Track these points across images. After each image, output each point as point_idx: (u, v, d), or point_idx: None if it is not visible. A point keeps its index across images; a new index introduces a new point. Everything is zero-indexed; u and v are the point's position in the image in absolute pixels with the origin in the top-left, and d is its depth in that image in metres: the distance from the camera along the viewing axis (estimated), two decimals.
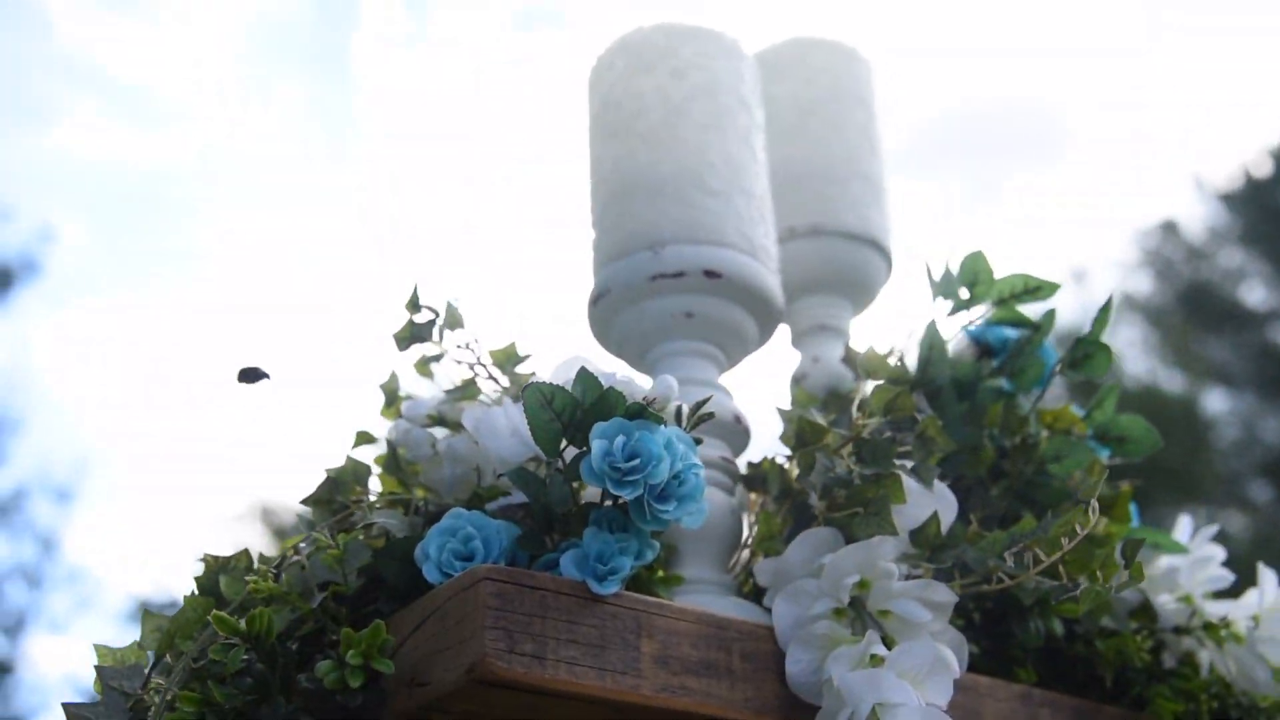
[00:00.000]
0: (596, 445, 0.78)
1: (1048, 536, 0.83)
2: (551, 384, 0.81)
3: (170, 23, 12.30)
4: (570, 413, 0.81)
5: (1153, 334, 9.61)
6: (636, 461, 0.78)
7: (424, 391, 1.03)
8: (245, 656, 0.77)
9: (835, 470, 0.87)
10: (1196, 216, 9.68)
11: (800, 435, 0.91)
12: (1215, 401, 9.32)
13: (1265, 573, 1.04)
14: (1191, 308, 9.53)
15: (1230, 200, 9.50)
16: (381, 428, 1.02)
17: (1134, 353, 9.57)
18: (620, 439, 0.79)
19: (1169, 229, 9.64)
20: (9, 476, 9.09)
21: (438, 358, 1.00)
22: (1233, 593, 1.09)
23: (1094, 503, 0.83)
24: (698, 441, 0.83)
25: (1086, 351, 1.01)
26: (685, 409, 0.86)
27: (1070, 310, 9.67)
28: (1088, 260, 12.73)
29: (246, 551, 0.88)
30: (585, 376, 0.81)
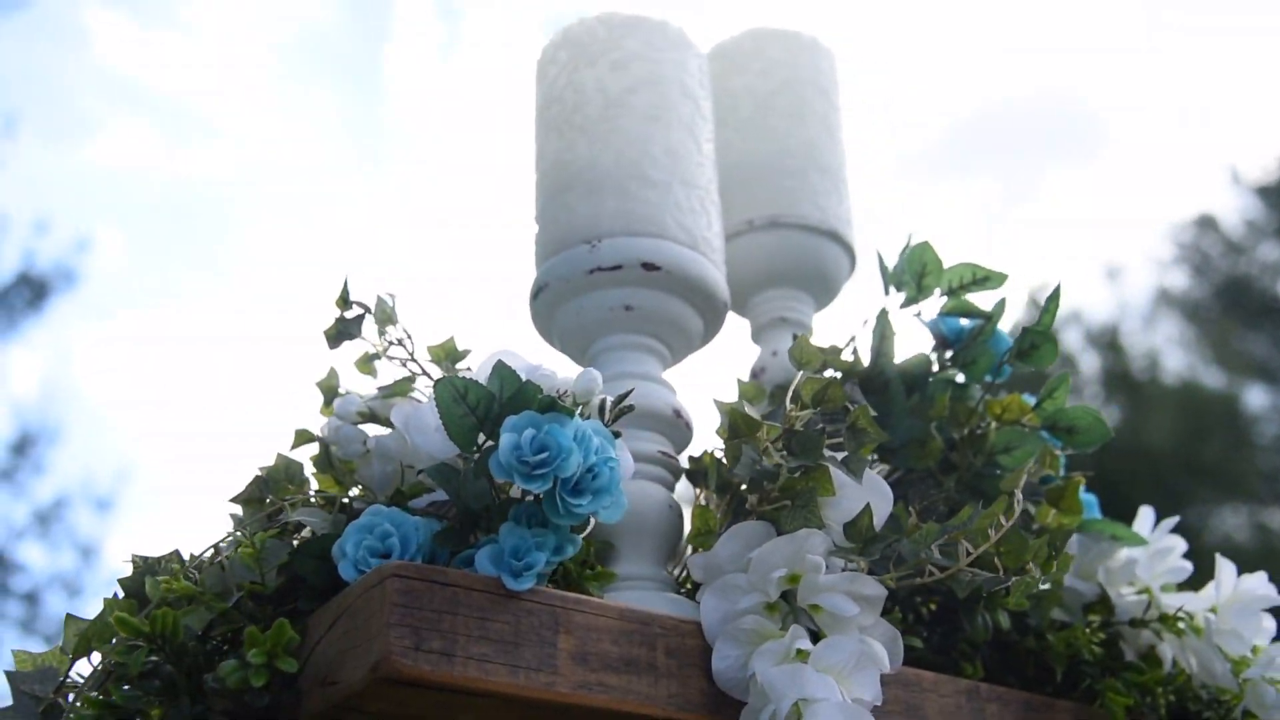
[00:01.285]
0: (505, 439, 0.77)
1: (974, 528, 0.81)
2: (465, 378, 0.79)
3: (206, 37, 12.41)
4: (487, 407, 0.80)
5: (1190, 330, 9.50)
6: (545, 455, 0.77)
7: (370, 389, 1.02)
8: (153, 658, 0.76)
9: (762, 463, 0.86)
10: (1233, 210, 9.57)
11: (734, 428, 0.90)
12: (1256, 397, 9.20)
13: (1223, 564, 1.02)
14: (1230, 303, 9.42)
15: (1267, 194, 9.39)
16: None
17: (1172, 349, 9.47)
18: (529, 432, 0.77)
19: (1205, 223, 9.53)
20: (49, 486, 9.17)
21: (378, 355, 0.99)
22: None
23: (1017, 493, 0.81)
24: (616, 435, 0.82)
25: (1034, 342, 0.99)
26: (609, 402, 0.85)
27: (1106, 307, 9.60)
28: (1123, 257, 12.63)
29: (177, 552, 0.88)
30: (502, 370, 0.80)
